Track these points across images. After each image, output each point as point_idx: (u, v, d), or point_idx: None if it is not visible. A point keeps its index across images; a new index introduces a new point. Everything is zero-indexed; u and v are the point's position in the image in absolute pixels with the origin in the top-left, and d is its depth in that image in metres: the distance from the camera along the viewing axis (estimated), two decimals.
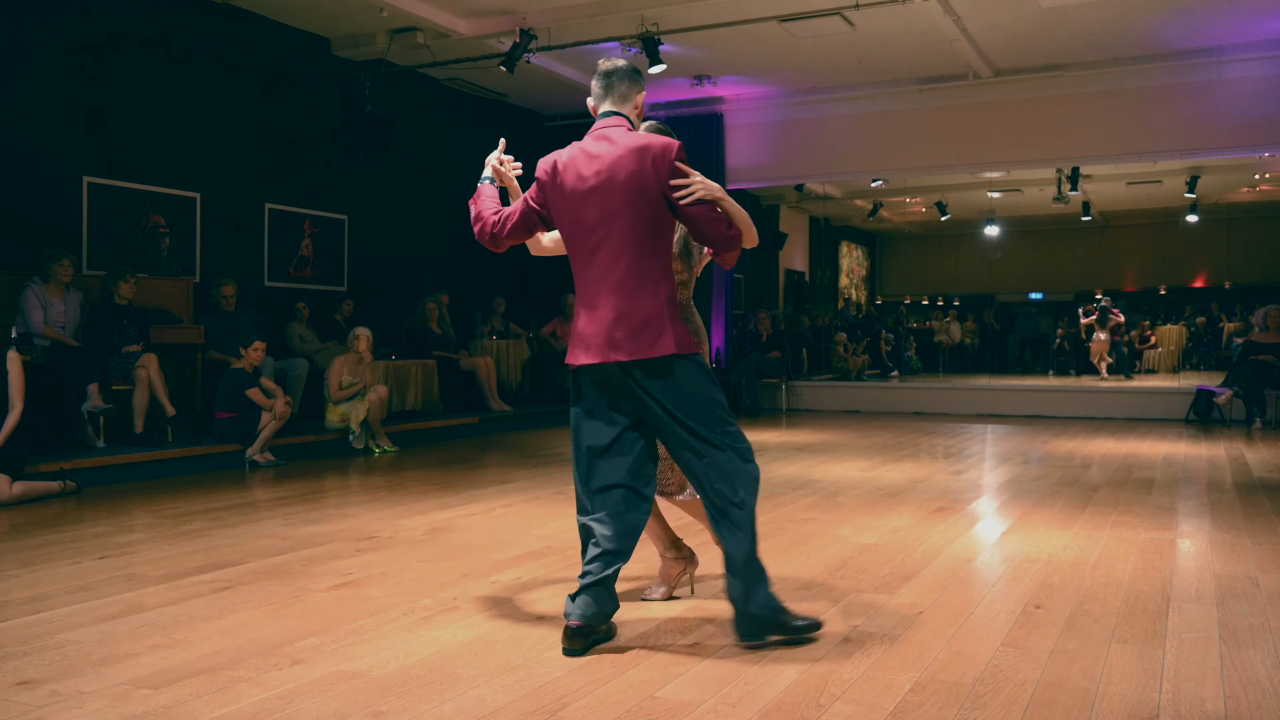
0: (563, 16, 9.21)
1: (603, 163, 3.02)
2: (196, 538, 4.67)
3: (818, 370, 15.19)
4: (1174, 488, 6.23)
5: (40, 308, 6.87)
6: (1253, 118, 10.23)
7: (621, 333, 2.98)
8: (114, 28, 8.11)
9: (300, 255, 9.86)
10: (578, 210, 3.05)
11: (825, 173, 12.99)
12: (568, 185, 3.06)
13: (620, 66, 3.19)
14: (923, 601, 3.53)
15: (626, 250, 3.00)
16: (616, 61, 3.21)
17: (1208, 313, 19.56)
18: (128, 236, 8.20)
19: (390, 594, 3.64)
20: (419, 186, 11.14)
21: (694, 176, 3.01)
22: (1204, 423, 10.56)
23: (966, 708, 2.53)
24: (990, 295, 23.91)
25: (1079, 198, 17.82)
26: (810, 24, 9.36)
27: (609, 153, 3.02)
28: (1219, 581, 3.83)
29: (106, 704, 2.55)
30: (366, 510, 5.44)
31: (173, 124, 8.57)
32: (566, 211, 3.08)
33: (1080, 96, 10.87)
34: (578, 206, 3.05)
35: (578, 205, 3.05)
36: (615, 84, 3.17)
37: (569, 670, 2.80)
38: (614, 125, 3.11)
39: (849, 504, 5.59)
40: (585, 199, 3.03)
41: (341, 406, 7.98)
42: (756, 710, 2.51)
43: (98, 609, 3.44)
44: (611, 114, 3.15)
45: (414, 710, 2.50)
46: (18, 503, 5.53)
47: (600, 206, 3.01)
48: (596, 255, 3.04)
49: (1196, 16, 9.29)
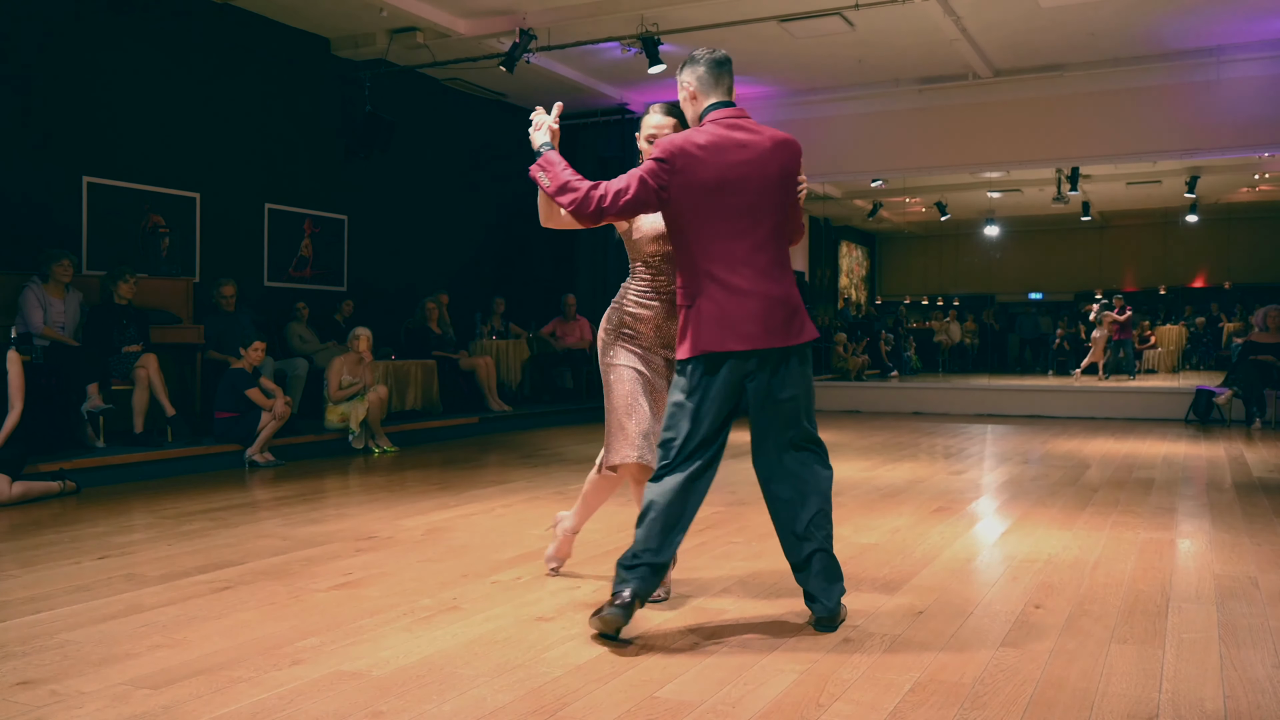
0: (562, 16, 9.21)
1: (753, 152, 3.08)
2: (196, 538, 4.67)
3: (817, 370, 15.17)
4: (1174, 488, 6.23)
5: (40, 308, 6.86)
6: (1252, 118, 10.23)
7: (778, 319, 3.06)
8: (114, 27, 8.12)
9: (300, 255, 9.86)
10: (723, 195, 3.05)
11: (825, 173, 12.98)
12: (713, 169, 3.05)
13: (726, 57, 3.23)
14: (922, 601, 3.54)
15: (773, 238, 3.10)
16: (717, 52, 3.23)
17: (1207, 313, 19.56)
18: (127, 236, 8.20)
19: (390, 594, 3.64)
20: (419, 187, 11.15)
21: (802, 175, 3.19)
22: (1203, 423, 10.56)
23: (966, 708, 2.53)
24: (990, 295, 23.90)
25: (1079, 198, 17.82)
26: (810, 24, 9.37)
27: (757, 142, 3.09)
28: (1218, 581, 3.83)
29: (106, 704, 2.55)
30: (366, 510, 5.44)
31: (172, 124, 8.57)
32: (704, 195, 3.05)
33: (1080, 96, 10.88)
34: (724, 191, 3.05)
35: (724, 190, 3.05)
36: (724, 75, 3.20)
37: (569, 670, 2.80)
38: (745, 116, 3.17)
39: (849, 504, 5.59)
40: (736, 185, 3.05)
41: (341, 406, 7.98)
42: (756, 710, 2.51)
43: (97, 609, 3.43)
44: (728, 104, 3.18)
45: (413, 710, 2.50)
46: (17, 503, 5.53)
47: (754, 194, 3.06)
48: (740, 241, 3.06)
49: (1196, 17, 9.29)
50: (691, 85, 3.21)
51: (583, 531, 4.81)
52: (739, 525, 4.90)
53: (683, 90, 3.25)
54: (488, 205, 12.10)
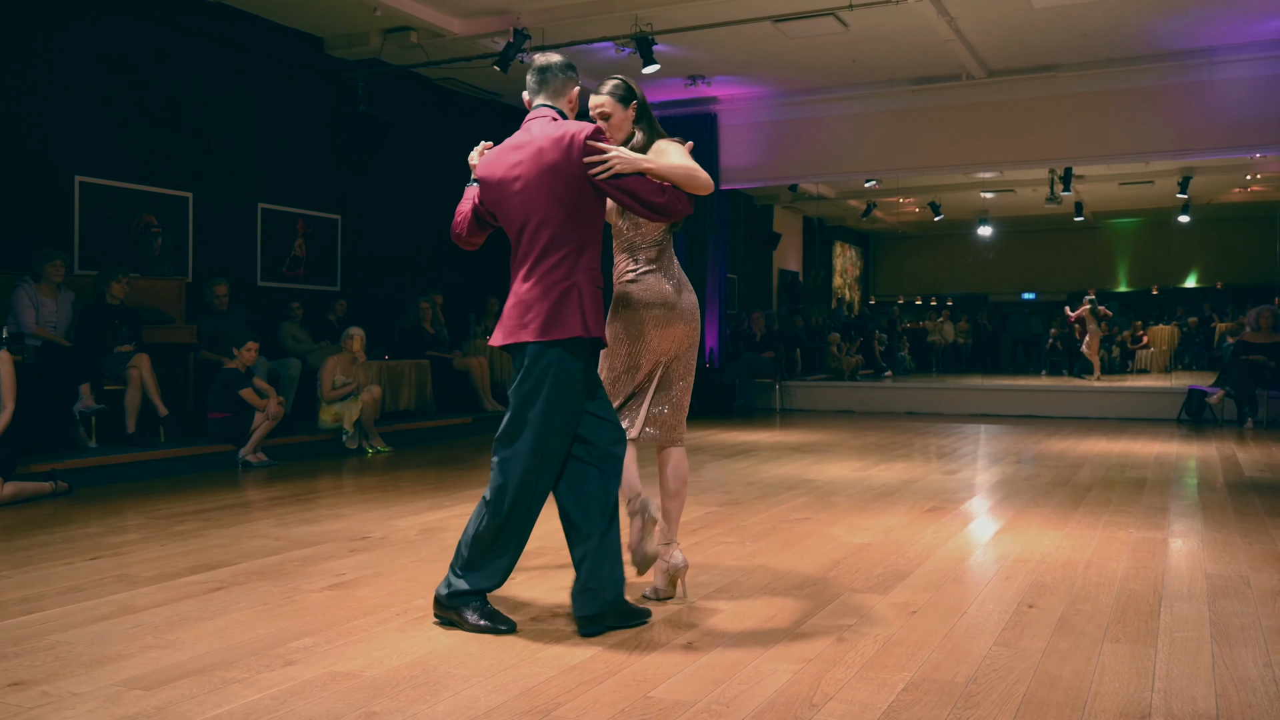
0: (556, 16, 9.20)
1: (523, 152, 3.11)
2: (189, 538, 4.66)
3: (811, 370, 15.20)
4: (1166, 487, 6.25)
5: (32, 307, 6.84)
6: (1245, 118, 10.26)
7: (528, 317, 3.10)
8: (106, 26, 8.09)
9: (293, 255, 9.84)
10: (501, 203, 3.16)
11: (819, 173, 13.02)
12: (494, 178, 3.16)
13: (555, 62, 3.25)
14: (916, 601, 3.54)
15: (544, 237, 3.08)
16: (551, 57, 3.28)
17: (1200, 313, 19.62)
18: (120, 236, 8.17)
19: (383, 594, 3.64)
20: (412, 186, 11.13)
21: (610, 152, 3.05)
22: (1196, 422, 10.59)
23: (959, 707, 2.53)
24: (983, 295, 23.98)
25: (1072, 198, 17.87)
26: (804, 24, 9.37)
27: (527, 143, 3.11)
28: (1211, 580, 3.85)
29: (98, 705, 2.54)
30: (359, 510, 5.43)
31: (165, 123, 8.55)
32: (492, 204, 3.21)
33: (1073, 97, 10.90)
34: (500, 199, 3.15)
35: (500, 198, 3.15)
36: (546, 80, 3.23)
37: (562, 670, 2.80)
38: (539, 117, 3.18)
39: (842, 504, 5.60)
40: (506, 189, 3.13)
41: (335, 406, 7.97)
42: (750, 710, 2.51)
43: (90, 610, 3.43)
44: (541, 106, 3.22)
45: (407, 711, 2.50)
46: (9, 503, 5.51)
47: (523, 195, 3.10)
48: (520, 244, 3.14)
49: (1189, 17, 9.32)
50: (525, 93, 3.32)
51: None
52: (732, 525, 4.91)
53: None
54: None
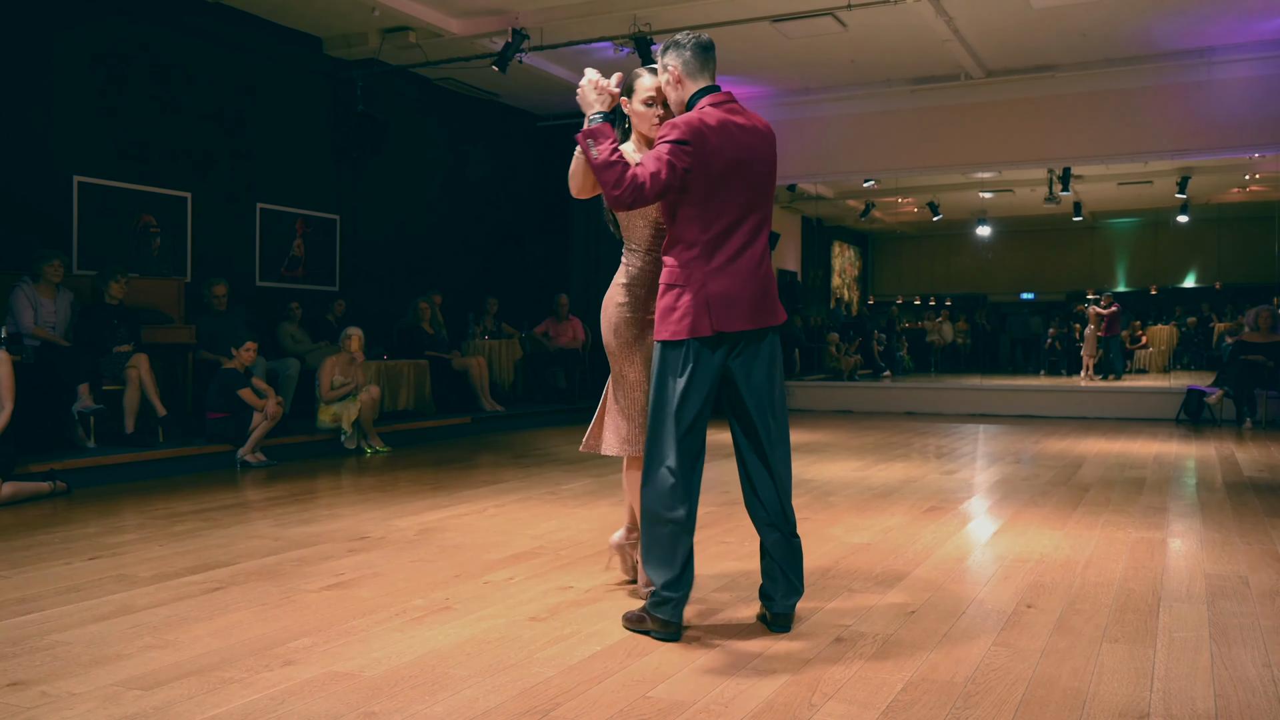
0: (555, 16, 9.20)
1: (754, 137, 3.12)
2: (188, 538, 4.66)
3: (810, 370, 15.21)
4: (1165, 487, 6.25)
5: (30, 308, 6.84)
6: (1243, 118, 10.27)
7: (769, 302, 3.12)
8: (104, 27, 8.08)
9: (292, 255, 9.83)
10: (727, 180, 3.04)
11: (817, 173, 13.00)
12: (724, 154, 3.03)
13: (711, 41, 3.22)
14: (914, 601, 3.54)
15: (765, 225, 3.14)
16: (702, 36, 3.22)
17: (1198, 313, 19.62)
18: (119, 236, 8.17)
19: (382, 594, 3.64)
20: (411, 186, 11.13)
21: None
22: (1195, 422, 10.60)
23: (958, 707, 2.53)
24: (982, 295, 23.95)
25: (1070, 198, 17.87)
26: (802, 24, 9.38)
27: (755, 128, 3.14)
28: (1209, 581, 3.85)
29: (97, 705, 2.54)
30: (358, 511, 5.43)
31: (164, 123, 8.55)
32: (710, 180, 3.02)
33: (1071, 97, 10.91)
34: (729, 176, 3.04)
35: (729, 175, 3.04)
36: (709, 60, 3.18)
37: (561, 670, 2.80)
38: (735, 101, 3.17)
39: (841, 504, 5.60)
40: (738, 170, 3.06)
41: (333, 406, 7.96)
42: (749, 710, 2.51)
43: (88, 610, 3.42)
44: (717, 89, 3.17)
45: (406, 711, 2.50)
46: (8, 503, 5.50)
47: (753, 179, 3.09)
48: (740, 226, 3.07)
49: (1187, 17, 9.33)
50: (677, 69, 3.17)
51: (573, 531, 4.82)
52: (731, 525, 4.91)
53: (665, 74, 3.22)
54: (480, 205, 12.09)
